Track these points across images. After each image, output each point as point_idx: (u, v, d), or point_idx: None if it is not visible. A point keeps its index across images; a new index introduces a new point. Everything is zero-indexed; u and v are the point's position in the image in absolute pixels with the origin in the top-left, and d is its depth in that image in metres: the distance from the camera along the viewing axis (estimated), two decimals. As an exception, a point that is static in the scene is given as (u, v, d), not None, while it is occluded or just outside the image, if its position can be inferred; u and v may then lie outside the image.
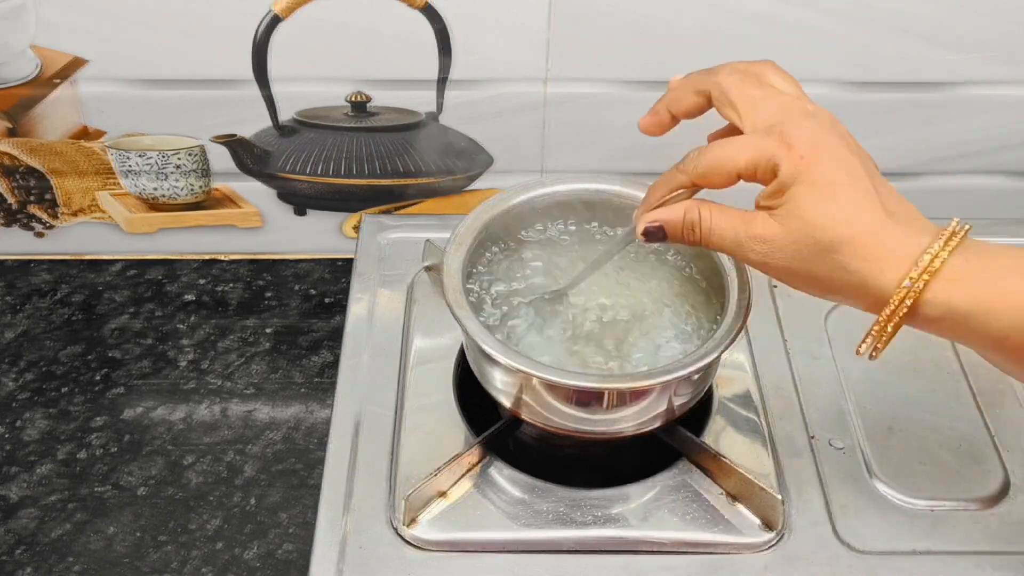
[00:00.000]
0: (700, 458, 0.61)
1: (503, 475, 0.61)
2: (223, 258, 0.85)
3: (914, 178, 0.81)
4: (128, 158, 0.78)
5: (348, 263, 0.79)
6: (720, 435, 0.63)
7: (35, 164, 0.78)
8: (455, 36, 0.71)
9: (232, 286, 0.82)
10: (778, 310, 0.72)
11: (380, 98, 0.75)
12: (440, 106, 0.75)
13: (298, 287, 0.82)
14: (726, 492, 0.60)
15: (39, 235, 0.83)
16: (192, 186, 0.80)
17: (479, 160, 0.80)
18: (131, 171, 0.79)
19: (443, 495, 0.59)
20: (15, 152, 0.77)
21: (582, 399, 0.55)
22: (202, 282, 0.83)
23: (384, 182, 0.81)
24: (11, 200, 0.81)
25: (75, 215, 0.82)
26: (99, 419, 0.71)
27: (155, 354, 0.76)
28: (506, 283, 0.62)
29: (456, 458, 0.59)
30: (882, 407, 0.66)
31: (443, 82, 0.74)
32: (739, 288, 0.56)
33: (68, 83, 0.73)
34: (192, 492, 0.66)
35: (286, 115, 0.76)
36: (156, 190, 0.80)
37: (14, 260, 0.84)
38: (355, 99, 0.75)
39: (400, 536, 0.58)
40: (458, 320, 0.55)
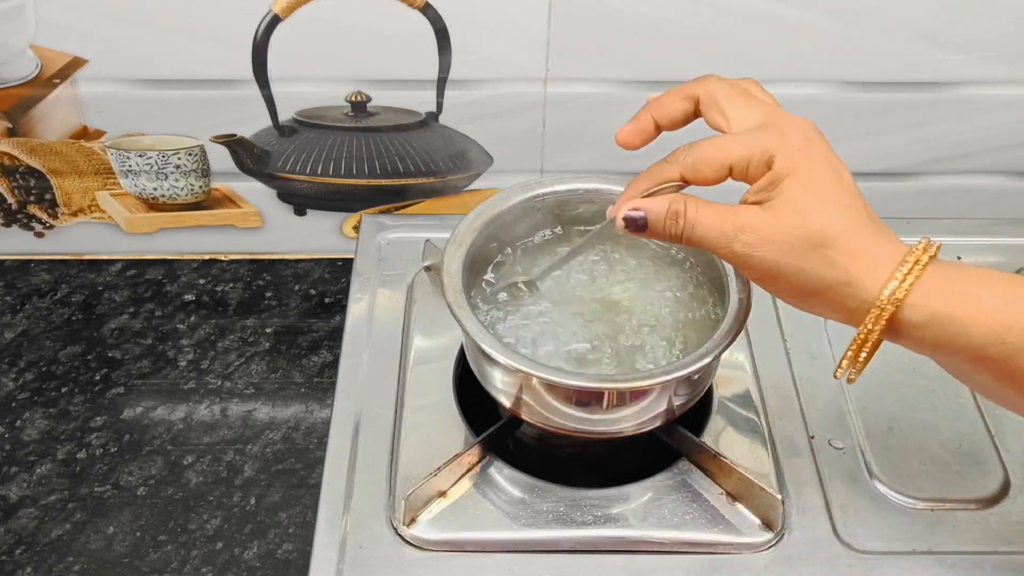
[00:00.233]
0: (700, 458, 0.61)
1: (503, 475, 0.61)
2: (223, 258, 0.85)
3: (914, 178, 0.81)
4: (128, 158, 0.78)
5: (348, 263, 0.79)
6: (720, 435, 0.63)
7: (35, 164, 0.78)
8: (455, 36, 0.71)
9: (232, 286, 0.82)
10: (778, 310, 0.72)
11: (380, 98, 0.75)
12: (440, 106, 0.75)
13: (298, 287, 0.82)
14: (726, 492, 0.60)
15: (39, 235, 0.83)
16: (192, 186, 0.80)
17: (479, 160, 0.80)
18: (131, 171, 0.79)
19: (443, 495, 0.59)
20: (15, 152, 0.77)
21: (582, 399, 0.55)
22: (202, 282, 0.83)
23: (384, 182, 0.81)
24: (11, 200, 0.80)
25: (75, 215, 0.82)
26: (99, 419, 0.71)
27: (155, 354, 0.76)
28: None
29: (456, 458, 0.59)
30: (882, 407, 0.66)
31: (443, 82, 0.74)
32: (739, 288, 0.56)
33: (68, 83, 0.73)
34: (192, 492, 0.66)
35: (286, 115, 0.76)
36: (156, 190, 0.80)
37: (14, 260, 0.84)
38: (355, 99, 0.75)
39: (400, 536, 0.58)
40: (458, 320, 0.55)
